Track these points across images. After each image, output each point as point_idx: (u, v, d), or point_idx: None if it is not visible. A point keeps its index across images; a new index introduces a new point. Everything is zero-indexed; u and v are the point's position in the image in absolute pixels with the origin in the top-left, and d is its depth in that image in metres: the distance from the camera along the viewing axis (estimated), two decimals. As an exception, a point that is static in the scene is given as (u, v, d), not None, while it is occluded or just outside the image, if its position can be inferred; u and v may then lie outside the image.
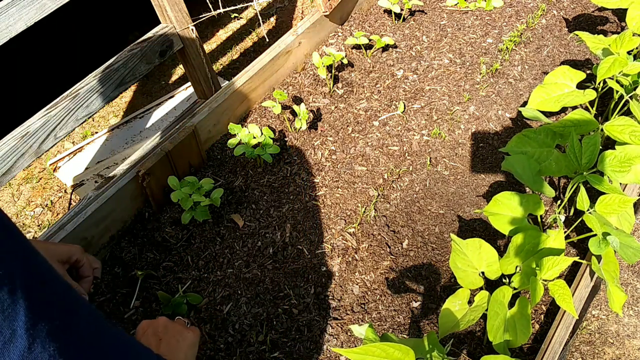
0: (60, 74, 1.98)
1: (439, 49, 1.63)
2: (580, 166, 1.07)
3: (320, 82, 1.54)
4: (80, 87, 1.33)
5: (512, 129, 1.39)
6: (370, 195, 1.26)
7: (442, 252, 1.16)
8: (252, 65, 1.45)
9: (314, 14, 1.60)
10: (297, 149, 1.37)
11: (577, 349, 1.45)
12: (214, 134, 1.38)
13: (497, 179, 1.29)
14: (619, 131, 1.12)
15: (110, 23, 2.92)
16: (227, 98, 1.37)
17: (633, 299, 1.53)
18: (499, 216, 1.04)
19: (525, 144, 1.14)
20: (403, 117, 1.43)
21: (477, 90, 1.50)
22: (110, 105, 2.60)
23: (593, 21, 1.71)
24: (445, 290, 1.09)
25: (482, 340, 1.02)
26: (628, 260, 0.97)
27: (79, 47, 2.68)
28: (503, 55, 1.59)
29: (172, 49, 1.52)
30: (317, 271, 1.13)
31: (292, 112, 1.45)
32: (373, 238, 1.18)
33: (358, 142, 1.38)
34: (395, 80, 1.54)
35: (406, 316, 1.06)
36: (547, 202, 1.23)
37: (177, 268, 1.14)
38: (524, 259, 0.96)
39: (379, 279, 1.11)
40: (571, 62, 1.57)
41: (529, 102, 1.28)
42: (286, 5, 2.97)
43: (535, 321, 1.05)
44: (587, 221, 1.02)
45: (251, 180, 1.30)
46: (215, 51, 2.81)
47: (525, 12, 1.75)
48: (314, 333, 1.04)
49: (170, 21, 1.48)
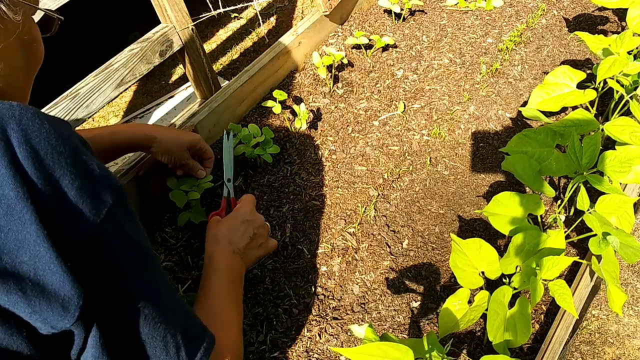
0: (60, 73, 1.98)
1: (439, 49, 1.63)
2: (581, 166, 1.07)
3: (320, 82, 1.54)
4: (80, 87, 1.33)
5: (512, 129, 1.39)
6: (370, 195, 1.26)
7: (442, 252, 1.16)
8: (252, 65, 1.45)
9: (314, 14, 1.60)
10: (297, 149, 1.37)
11: (577, 348, 1.45)
12: (214, 133, 1.38)
13: (497, 179, 1.29)
14: (620, 131, 1.12)
15: (110, 23, 2.92)
16: (227, 98, 1.37)
17: (633, 299, 1.53)
18: (499, 216, 1.04)
19: (525, 143, 1.14)
20: (403, 117, 1.43)
21: (477, 90, 1.50)
22: (110, 105, 2.60)
23: (593, 21, 1.71)
24: (445, 290, 1.09)
25: (482, 340, 1.02)
26: (628, 260, 0.96)
27: (79, 46, 2.68)
28: (503, 55, 1.59)
29: (172, 49, 1.52)
30: (317, 271, 1.13)
31: (292, 112, 1.45)
32: (373, 238, 1.18)
33: (358, 142, 1.38)
34: (395, 80, 1.54)
35: (406, 316, 1.06)
36: (547, 202, 1.23)
37: (177, 268, 1.14)
38: (524, 258, 0.96)
39: (379, 279, 1.11)
40: (571, 62, 1.57)
41: (529, 102, 1.28)
42: (286, 5, 2.97)
43: (535, 321, 1.05)
44: (587, 221, 1.02)
45: (251, 180, 1.30)
46: (215, 51, 2.81)
47: (525, 12, 1.75)
48: (314, 333, 1.04)
49: (170, 21, 1.48)
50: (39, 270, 0.46)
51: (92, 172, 0.52)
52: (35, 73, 0.65)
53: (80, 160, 0.51)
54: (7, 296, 0.45)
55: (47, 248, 0.46)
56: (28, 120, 0.49)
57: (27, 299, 0.45)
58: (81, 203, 0.49)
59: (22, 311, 0.46)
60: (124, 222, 0.54)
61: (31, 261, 0.46)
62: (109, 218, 0.51)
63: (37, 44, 0.63)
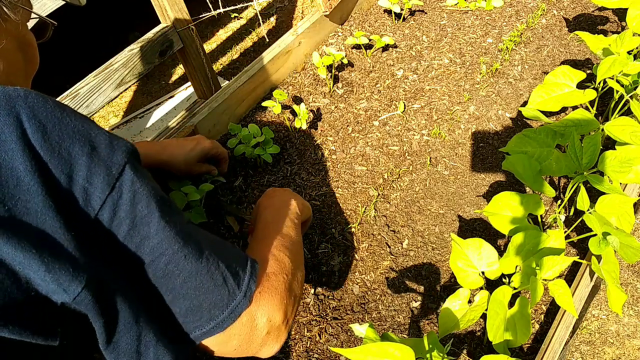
0: (60, 73, 1.98)
1: (439, 49, 1.63)
2: (581, 166, 1.07)
3: (320, 82, 1.54)
4: (80, 87, 1.33)
5: (512, 129, 1.39)
6: (370, 195, 1.26)
7: (442, 252, 1.16)
8: (252, 65, 1.45)
9: (314, 14, 1.60)
10: (297, 149, 1.37)
11: (577, 348, 1.45)
12: (214, 133, 1.38)
13: (497, 179, 1.29)
14: (620, 131, 1.12)
15: (110, 23, 2.92)
16: (227, 98, 1.37)
17: (633, 299, 1.53)
18: (499, 216, 1.04)
19: (525, 143, 1.14)
20: (403, 117, 1.43)
21: (477, 90, 1.50)
22: (110, 105, 2.60)
23: (593, 21, 1.71)
24: (445, 290, 1.09)
25: (482, 340, 1.02)
26: (628, 260, 0.96)
27: (79, 46, 2.68)
28: (503, 55, 1.59)
29: (172, 49, 1.52)
30: (317, 271, 1.13)
31: (292, 112, 1.45)
32: (373, 238, 1.18)
33: (358, 142, 1.38)
34: (395, 80, 1.54)
35: (406, 316, 1.06)
36: (547, 202, 1.23)
37: (177, 268, 1.14)
38: (524, 258, 0.96)
39: (379, 279, 1.11)
40: (571, 62, 1.57)
41: (529, 102, 1.28)
42: (286, 5, 2.97)
43: (535, 321, 1.05)
44: (587, 221, 1.02)
45: (251, 180, 1.30)
46: (215, 51, 2.81)
47: (525, 11, 1.75)
48: (313, 333, 1.04)
49: (170, 21, 1.48)
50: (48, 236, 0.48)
51: (100, 137, 0.54)
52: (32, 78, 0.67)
53: (87, 128, 0.53)
54: (22, 253, 0.46)
55: (52, 217, 0.48)
56: (33, 98, 0.51)
57: (41, 257, 0.47)
58: (94, 167, 0.51)
59: (36, 270, 0.47)
60: (139, 178, 0.55)
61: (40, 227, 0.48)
62: (124, 176, 0.53)
63: (33, 49, 0.65)
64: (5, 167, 0.48)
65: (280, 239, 0.78)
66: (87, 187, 0.51)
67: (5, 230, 0.46)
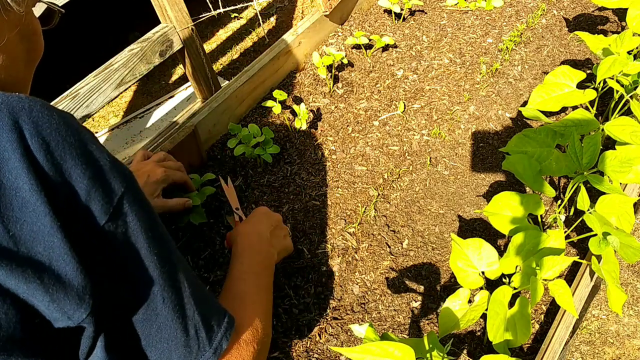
0: (60, 73, 1.98)
1: (439, 49, 1.63)
2: (581, 166, 1.07)
3: (320, 82, 1.54)
4: (80, 87, 1.33)
5: (512, 129, 1.39)
6: (370, 195, 1.26)
7: (442, 252, 1.16)
8: (252, 65, 1.45)
9: (314, 14, 1.60)
10: (297, 149, 1.37)
11: (577, 348, 1.45)
12: (214, 133, 1.38)
13: (497, 179, 1.29)
14: (620, 131, 1.12)
15: (110, 23, 2.92)
16: (227, 98, 1.37)
17: (633, 299, 1.53)
18: (499, 216, 1.04)
19: (525, 143, 1.14)
20: (403, 117, 1.43)
21: (477, 90, 1.50)
22: (110, 105, 2.60)
23: (593, 21, 1.71)
24: (445, 290, 1.09)
25: (482, 340, 1.02)
26: (628, 260, 0.96)
27: (79, 46, 2.68)
28: (503, 55, 1.59)
29: (172, 49, 1.52)
30: (317, 271, 1.13)
31: (292, 112, 1.45)
32: (373, 238, 1.18)
33: (358, 142, 1.38)
34: (395, 80, 1.54)
35: (406, 316, 1.06)
36: (547, 202, 1.23)
37: (177, 268, 1.14)
38: (524, 258, 0.96)
39: (379, 279, 1.11)
40: (571, 62, 1.57)
41: (529, 102, 1.28)
42: (286, 5, 2.97)
43: (535, 321, 1.05)
44: (588, 221, 1.02)
45: (251, 180, 1.30)
46: (215, 51, 2.81)
47: (526, 12, 1.75)
48: (313, 333, 1.04)
49: (170, 21, 1.48)
50: (54, 260, 0.47)
51: (102, 161, 0.53)
52: (35, 66, 0.65)
53: (90, 150, 0.52)
54: (25, 284, 0.45)
55: (60, 239, 0.47)
56: (38, 112, 0.49)
57: (45, 287, 0.46)
58: (93, 192, 0.50)
59: (41, 300, 0.46)
60: (136, 209, 0.54)
61: (46, 252, 0.47)
62: (122, 206, 0.52)
63: (38, 37, 0.63)
64: (9, 187, 0.46)
65: (258, 294, 0.79)
66: (86, 212, 0.50)
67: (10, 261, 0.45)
